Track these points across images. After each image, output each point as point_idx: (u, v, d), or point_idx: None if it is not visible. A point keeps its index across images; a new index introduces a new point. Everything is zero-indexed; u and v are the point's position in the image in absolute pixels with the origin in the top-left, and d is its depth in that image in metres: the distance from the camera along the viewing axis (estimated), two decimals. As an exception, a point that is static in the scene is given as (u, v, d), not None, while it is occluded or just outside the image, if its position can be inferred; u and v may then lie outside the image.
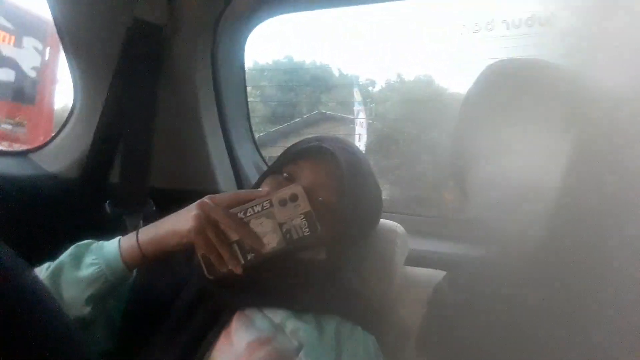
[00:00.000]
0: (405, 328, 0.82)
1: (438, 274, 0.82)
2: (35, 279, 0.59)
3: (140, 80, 1.06)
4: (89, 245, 0.73)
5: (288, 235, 0.67)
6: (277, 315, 0.68)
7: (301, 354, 0.63)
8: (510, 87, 0.67)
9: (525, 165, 0.58)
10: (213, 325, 0.69)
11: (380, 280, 0.85)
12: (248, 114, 1.30)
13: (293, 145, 0.82)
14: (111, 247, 0.72)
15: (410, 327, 0.79)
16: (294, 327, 0.66)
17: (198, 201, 0.68)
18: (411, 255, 0.93)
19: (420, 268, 0.93)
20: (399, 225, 0.91)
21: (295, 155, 0.77)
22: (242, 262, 0.67)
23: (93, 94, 1.09)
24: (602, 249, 0.43)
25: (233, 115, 1.23)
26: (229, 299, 0.70)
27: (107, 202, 1.06)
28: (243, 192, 0.71)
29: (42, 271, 0.70)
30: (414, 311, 0.79)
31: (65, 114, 1.15)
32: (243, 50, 1.22)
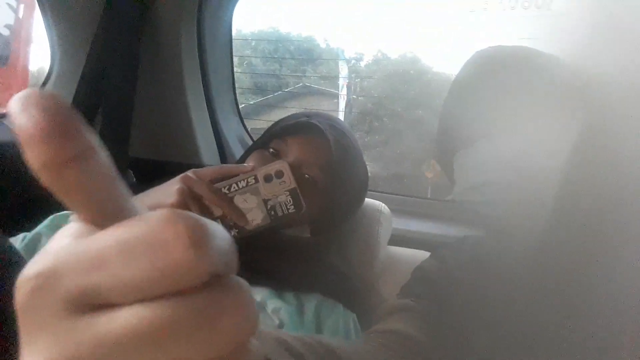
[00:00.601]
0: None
1: (422, 255, 0.82)
2: (12, 248, 0.58)
3: (121, 45, 1.01)
4: (67, 216, 0.72)
5: (272, 212, 0.67)
6: (259, 294, 0.68)
7: None
8: (499, 73, 0.66)
9: (511, 151, 0.58)
10: None
11: (363, 260, 0.85)
12: (234, 86, 1.27)
13: (280, 120, 0.80)
14: None
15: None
16: (275, 307, 0.66)
17: (181, 175, 0.66)
18: (395, 235, 0.93)
19: (403, 248, 0.93)
20: (383, 204, 0.91)
21: (282, 131, 0.76)
22: None
23: (71, 58, 1.04)
24: (589, 232, 0.43)
25: (218, 86, 1.20)
26: None
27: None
28: (228, 167, 0.70)
29: (18, 242, 0.68)
30: (396, 291, 0.80)
31: (41, 77, 1.10)
32: (230, 17, 1.18)
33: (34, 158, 0.16)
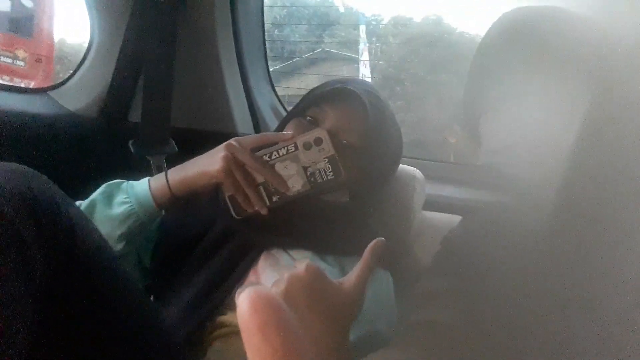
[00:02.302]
0: (420, 269, 0.86)
1: (455, 219, 0.85)
2: (81, 212, 0.61)
3: (159, 18, 1.03)
4: (119, 184, 0.75)
5: (312, 179, 0.68)
6: (301, 256, 0.70)
7: None
8: (527, 37, 0.65)
9: (538, 117, 0.58)
10: (239, 262, 0.72)
11: (398, 224, 0.88)
12: (265, 53, 1.27)
13: (316, 87, 0.81)
14: (142, 187, 0.73)
15: (425, 268, 0.83)
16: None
17: (225, 143, 0.69)
18: (428, 200, 0.95)
19: (437, 213, 0.96)
20: (417, 170, 0.92)
21: (319, 98, 0.76)
22: (268, 203, 0.69)
23: (111, 29, 1.06)
24: (614, 200, 0.44)
25: (250, 54, 1.21)
26: (255, 238, 0.73)
27: (131, 141, 1.07)
28: (268, 135, 0.72)
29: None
30: (429, 253, 0.83)
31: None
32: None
33: None
